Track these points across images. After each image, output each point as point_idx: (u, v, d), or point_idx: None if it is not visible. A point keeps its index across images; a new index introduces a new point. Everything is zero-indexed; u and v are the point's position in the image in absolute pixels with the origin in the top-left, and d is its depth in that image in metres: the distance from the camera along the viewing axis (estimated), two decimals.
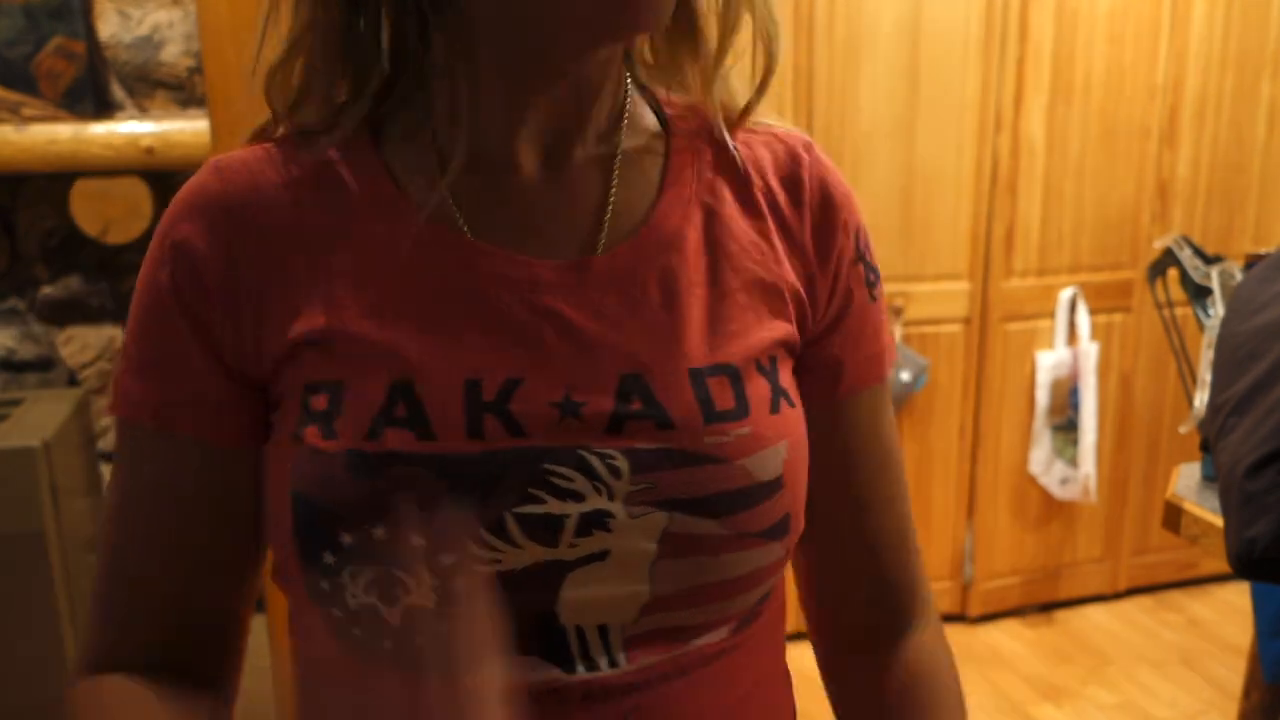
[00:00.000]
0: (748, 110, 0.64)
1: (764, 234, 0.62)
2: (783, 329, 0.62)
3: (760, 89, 0.63)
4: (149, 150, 2.40)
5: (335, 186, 0.59)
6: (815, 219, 0.64)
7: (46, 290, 2.56)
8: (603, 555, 0.54)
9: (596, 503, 0.54)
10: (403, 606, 0.53)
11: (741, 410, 0.57)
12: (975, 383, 2.86)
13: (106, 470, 2.70)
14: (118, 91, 2.50)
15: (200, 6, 1.94)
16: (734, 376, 0.58)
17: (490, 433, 0.54)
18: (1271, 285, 1.23)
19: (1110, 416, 2.97)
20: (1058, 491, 2.91)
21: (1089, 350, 2.85)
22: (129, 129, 2.40)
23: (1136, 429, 3.02)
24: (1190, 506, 1.52)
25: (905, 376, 2.75)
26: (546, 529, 0.54)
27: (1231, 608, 3.04)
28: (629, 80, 0.63)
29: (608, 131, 0.62)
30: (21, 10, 2.36)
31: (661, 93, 0.65)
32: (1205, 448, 1.54)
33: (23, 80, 2.35)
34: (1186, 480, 1.61)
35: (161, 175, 2.50)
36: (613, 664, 0.56)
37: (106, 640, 0.63)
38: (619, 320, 0.58)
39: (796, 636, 0.71)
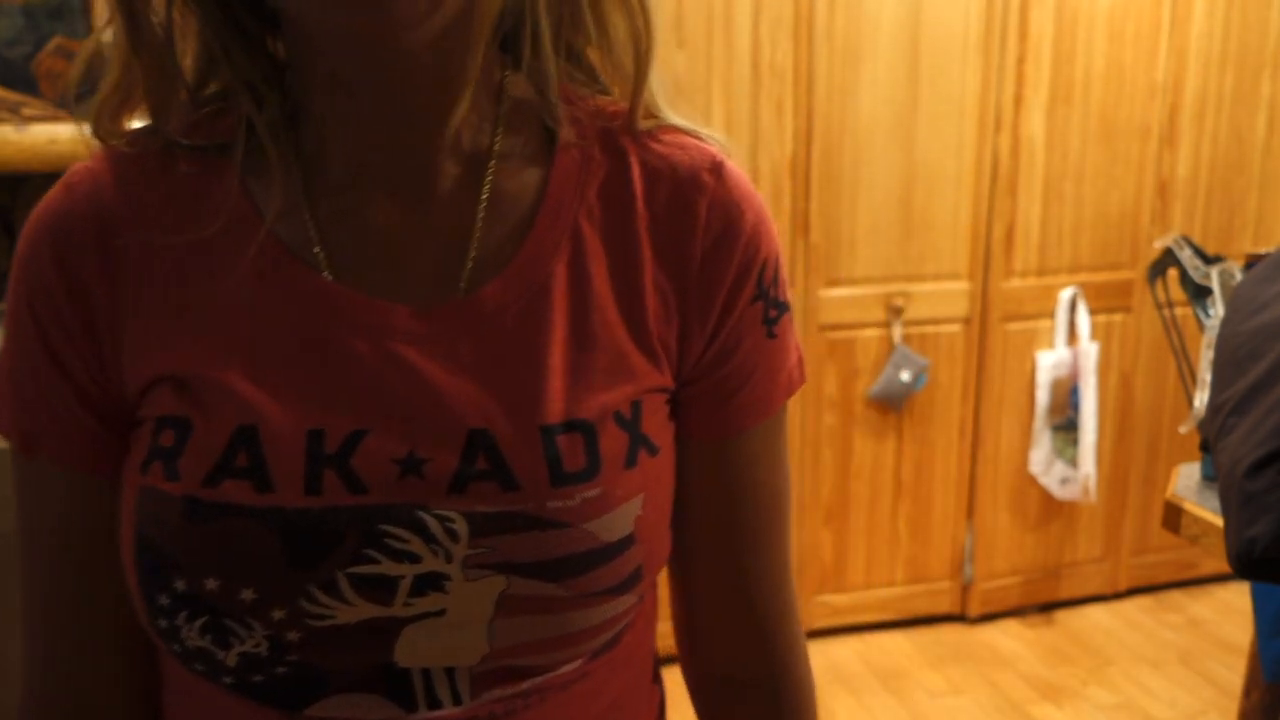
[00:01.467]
0: (632, 118, 0.59)
1: (637, 271, 0.58)
2: (648, 376, 0.58)
3: (633, 95, 0.59)
4: None
5: (193, 209, 0.56)
6: (705, 255, 0.59)
7: None
8: (440, 613, 0.53)
9: (432, 564, 0.52)
10: (237, 651, 0.53)
11: (592, 470, 0.54)
12: (975, 383, 2.86)
13: None
14: None
15: None
16: (588, 433, 0.55)
17: (328, 488, 0.52)
18: (1271, 285, 1.23)
19: (1110, 416, 2.97)
20: (1058, 491, 2.91)
21: (1089, 350, 2.85)
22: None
23: (1136, 429, 3.02)
24: (1190, 506, 1.52)
25: (905, 376, 2.75)
26: (380, 589, 0.52)
27: (1231, 608, 3.04)
28: (540, 91, 0.59)
29: (477, 152, 0.58)
30: (21, 10, 2.36)
31: (585, 100, 0.61)
32: (1205, 448, 1.54)
33: (23, 80, 2.35)
34: (1186, 480, 1.61)
35: None
36: (457, 701, 0.55)
37: (44, 675, 0.62)
38: (474, 371, 0.55)
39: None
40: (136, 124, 0.59)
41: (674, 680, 0.70)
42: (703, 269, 0.59)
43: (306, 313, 0.55)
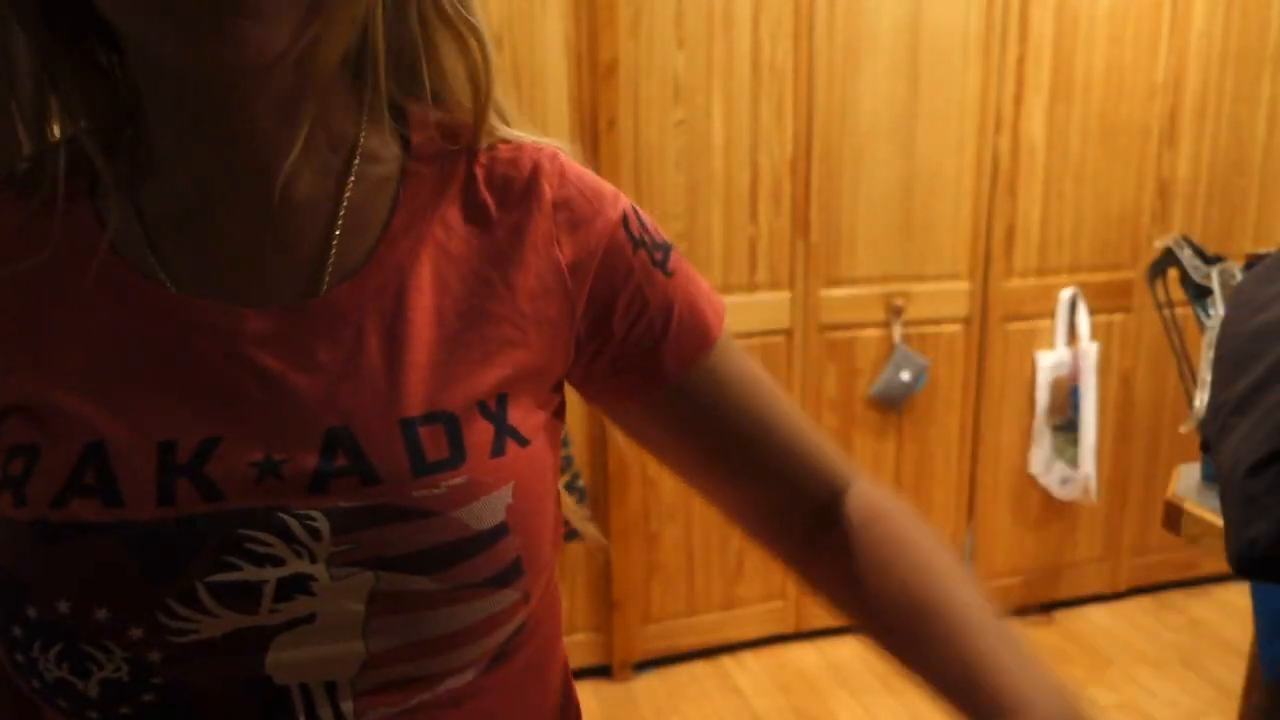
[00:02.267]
0: (477, 133, 0.61)
1: (501, 269, 0.59)
2: (518, 369, 0.59)
3: (475, 124, 0.61)
4: None
5: (41, 238, 0.56)
6: (563, 229, 0.61)
7: None
8: (309, 618, 0.51)
9: (297, 566, 0.51)
10: (97, 679, 0.51)
11: (456, 458, 0.54)
12: (975, 383, 2.86)
13: None
14: None
15: None
16: (450, 423, 0.55)
17: (183, 498, 0.51)
18: (1272, 285, 1.23)
19: (1110, 416, 2.97)
20: (1058, 491, 2.91)
21: (1089, 350, 2.85)
22: None
23: (1137, 429, 3.02)
24: (1190, 506, 1.52)
25: (905, 376, 2.75)
26: (243, 596, 0.51)
27: (1232, 608, 3.04)
28: (383, 103, 0.60)
29: (334, 164, 0.58)
30: None
31: (429, 113, 0.62)
32: (1205, 448, 1.54)
33: None
34: (1187, 480, 1.61)
35: None
36: (340, 719, 0.53)
37: None
38: (330, 370, 0.54)
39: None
40: None
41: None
42: (570, 244, 0.61)
43: (152, 326, 0.55)
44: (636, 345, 0.63)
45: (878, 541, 0.65)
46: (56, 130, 0.59)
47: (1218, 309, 1.74)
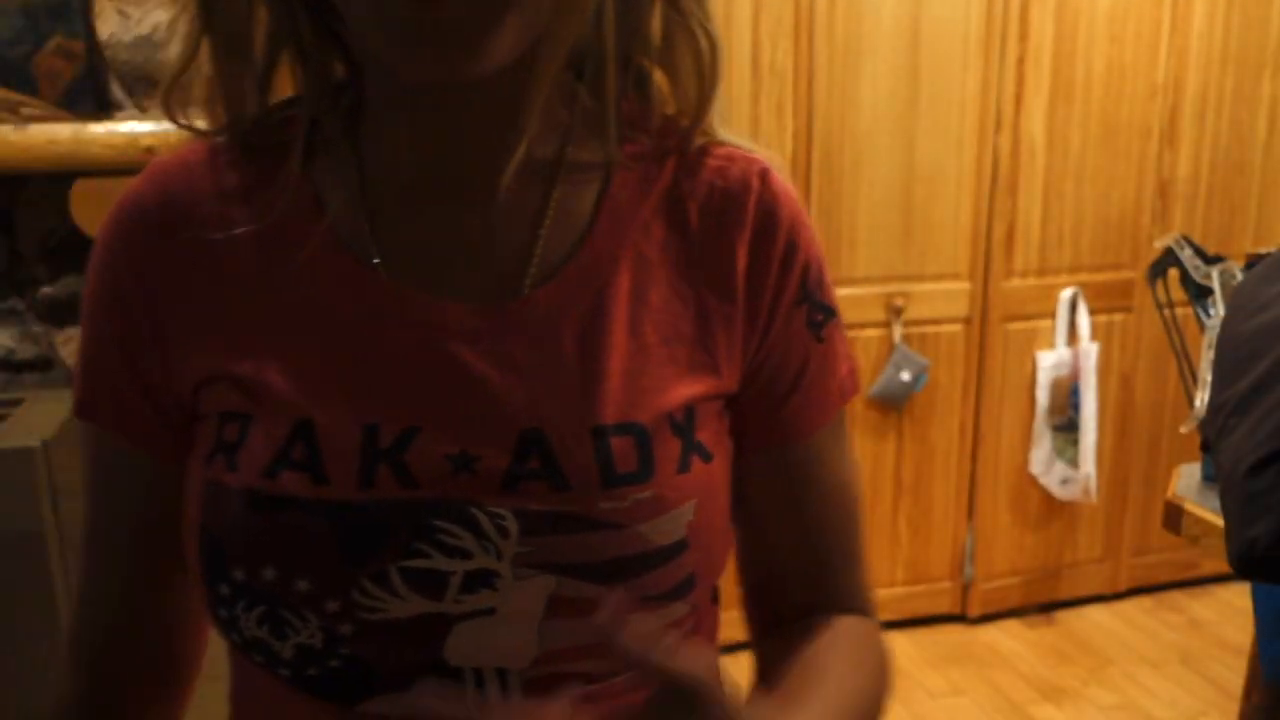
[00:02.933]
0: (691, 134, 0.61)
1: (693, 281, 0.59)
2: (705, 384, 0.59)
3: (694, 118, 0.60)
4: (149, 150, 2.40)
5: (262, 205, 0.58)
6: (751, 255, 0.60)
7: (46, 290, 2.56)
8: (489, 611, 0.53)
9: (483, 561, 0.52)
10: (293, 643, 0.54)
11: (645, 473, 0.55)
12: (975, 383, 2.86)
13: None
14: (117, 91, 2.49)
15: None
16: (641, 436, 0.55)
17: (381, 482, 0.53)
18: (1272, 285, 1.23)
19: (1111, 416, 2.97)
20: (1058, 491, 2.91)
21: (1089, 350, 2.85)
22: (129, 129, 2.39)
23: (1137, 429, 3.02)
24: (1191, 506, 1.52)
25: (905, 376, 2.75)
26: (431, 583, 0.53)
27: (1232, 608, 3.04)
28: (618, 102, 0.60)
29: (543, 163, 0.59)
30: (21, 10, 2.36)
31: (641, 112, 0.62)
32: (1206, 448, 1.54)
33: (22, 80, 2.35)
34: (1187, 480, 1.61)
35: None
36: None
37: (86, 625, 0.66)
38: (527, 371, 0.55)
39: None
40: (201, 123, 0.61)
41: None
42: (750, 269, 0.60)
43: (363, 310, 0.56)
44: (762, 397, 0.62)
45: (814, 637, 0.64)
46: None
47: (1218, 309, 1.74)
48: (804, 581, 0.67)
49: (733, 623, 0.69)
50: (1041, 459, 2.89)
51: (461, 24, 0.48)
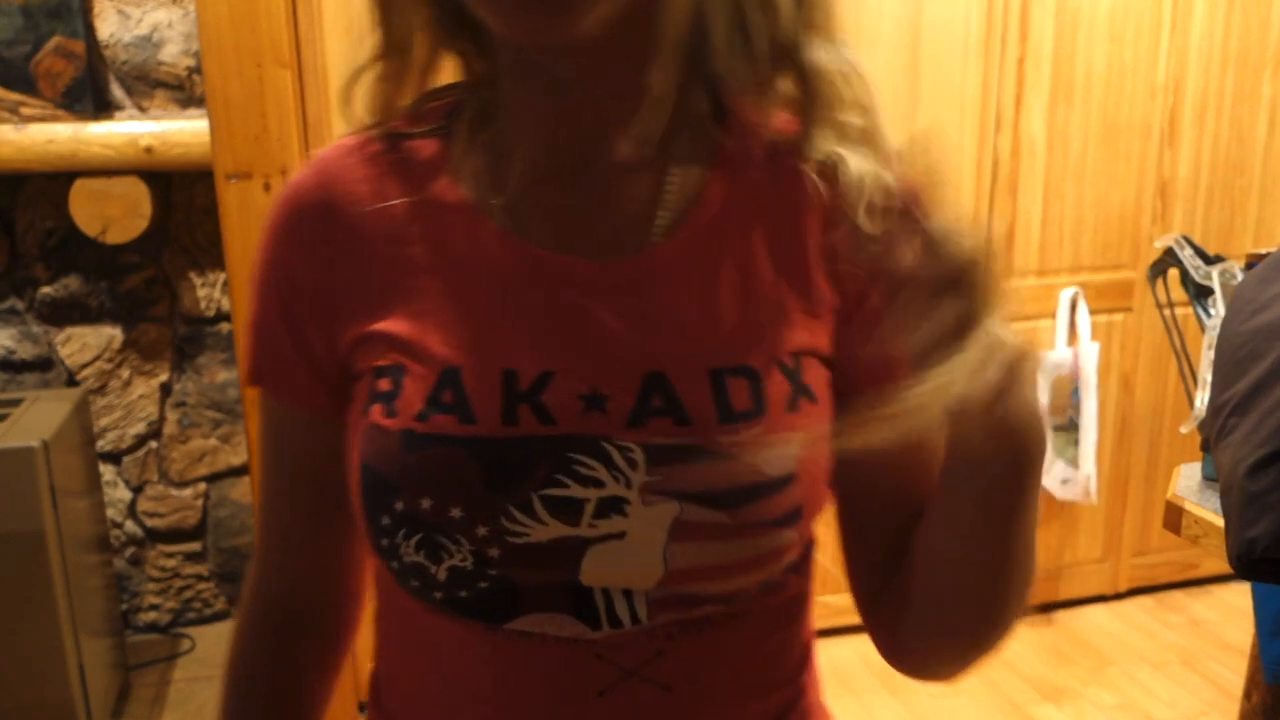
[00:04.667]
0: (806, 143, 0.63)
1: (798, 243, 0.64)
2: (812, 335, 0.64)
3: (805, 125, 0.63)
4: (148, 150, 2.40)
5: (408, 180, 0.65)
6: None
7: (46, 290, 2.56)
8: (620, 535, 0.59)
9: (614, 490, 0.58)
10: (446, 565, 0.60)
11: (758, 410, 0.60)
12: None
13: (105, 470, 2.70)
14: (117, 91, 2.49)
15: (200, 6, 1.94)
16: (753, 377, 0.61)
17: (523, 420, 0.59)
18: (1272, 285, 1.23)
19: (1111, 417, 2.97)
20: (1058, 492, 2.91)
21: (1089, 350, 2.84)
22: (128, 128, 2.39)
23: (1137, 429, 3.01)
24: (1191, 507, 1.51)
25: None
26: (568, 510, 0.59)
27: (1232, 608, 3.04)
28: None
29: (659, 131, 0.62)
30: (20, 10, 2.36)
31: (759, 114, 0.65)
32: (1206, 448, 1.54)
33: (21, 80, 2.35)
34: (1187, 480, 1.61)
35: (161, 175, 2.50)
36: (635, 621, 0.61)
37: (262, 559, 0.75)
38: (649, 319, 0.62)
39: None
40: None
41: None
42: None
43: (500, 269, 0.63)
44: (870, 351, 0.65)
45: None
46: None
47: (1218, 309, 1.74)
48: (904, 526, 0.69)
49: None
50: None
51: None
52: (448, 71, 0.68)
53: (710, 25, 0.60)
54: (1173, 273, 1.89)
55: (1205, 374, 1.68)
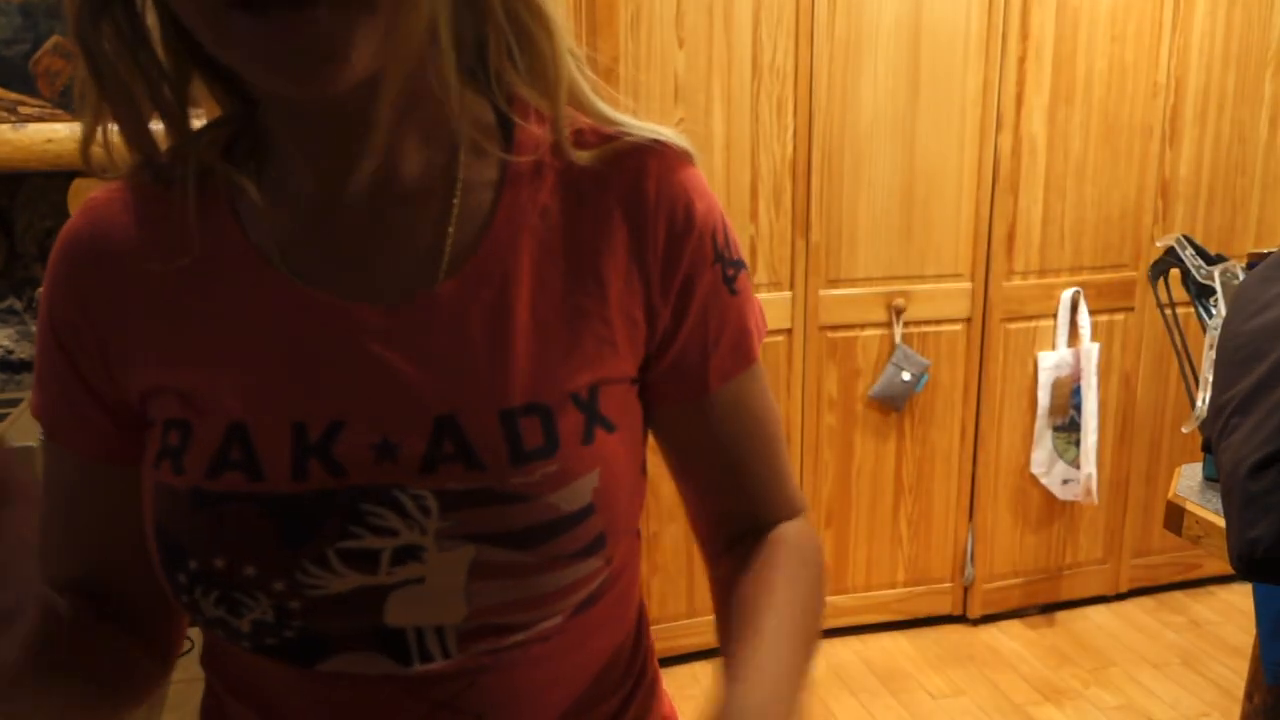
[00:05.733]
0: (558, 119, 0.63)
1: (594, 260, 0.63)
2: (611, 361, 0.63)
3: (552, 95, 0.62)
4: None
5: (183, 227, 0.62)
6: (663, 232, 0.64)
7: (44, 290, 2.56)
8: (419, 580, 0.58)
9: (409, 537, 0.58)
10: (249, 619, 0.59)
11: (550, 448, 0.60)
12: (976, 383, 2.85)
13: None
14: None
15: None
16: (545, 414, 0.60)
17: (313, 474, 0.58)
18: (1273, 285, 1.22)
19: (1112, 417, 2.96)
20: (1059, 492, 2.90)
21: (1090, 350, 2.84)
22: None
23: (1138, 429, 3.01)
24: (1192, 507, 1.51)
25: (906, 377, 2.74)
26: (365, 560, 0.58)
27: (1233, 609, 3.03)
28: (489, 100, 0.64)
29: (440, 162, 0.62)
30: (19, 9, 2.36)
31: (532, 104, 0.64)
32: (1207, 448, 1.53)
33: (20, 79, 2.34)
34: (1188, 481, 1.60)
35: None
36: (446, 655, 0.61)
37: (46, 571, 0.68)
38: (438, 361, 0.60)
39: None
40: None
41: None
42: (664, 249, 0.64)
43: (285, 317, 0.61)
44: (691, 353, 0.66)
45: (755, 558, 0.70)
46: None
47: (1220, 308, 1.74)
48: (742, 508, 0.72)
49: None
50: (1042, 459, 2.88)
51: (318, 41, 0.51)
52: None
53: (485, 39, 0.59)
54: (1174, 272, 1.88)
55: (1206, 374, 1.67)
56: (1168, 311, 1.95)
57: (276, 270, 0.61)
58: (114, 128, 0.61)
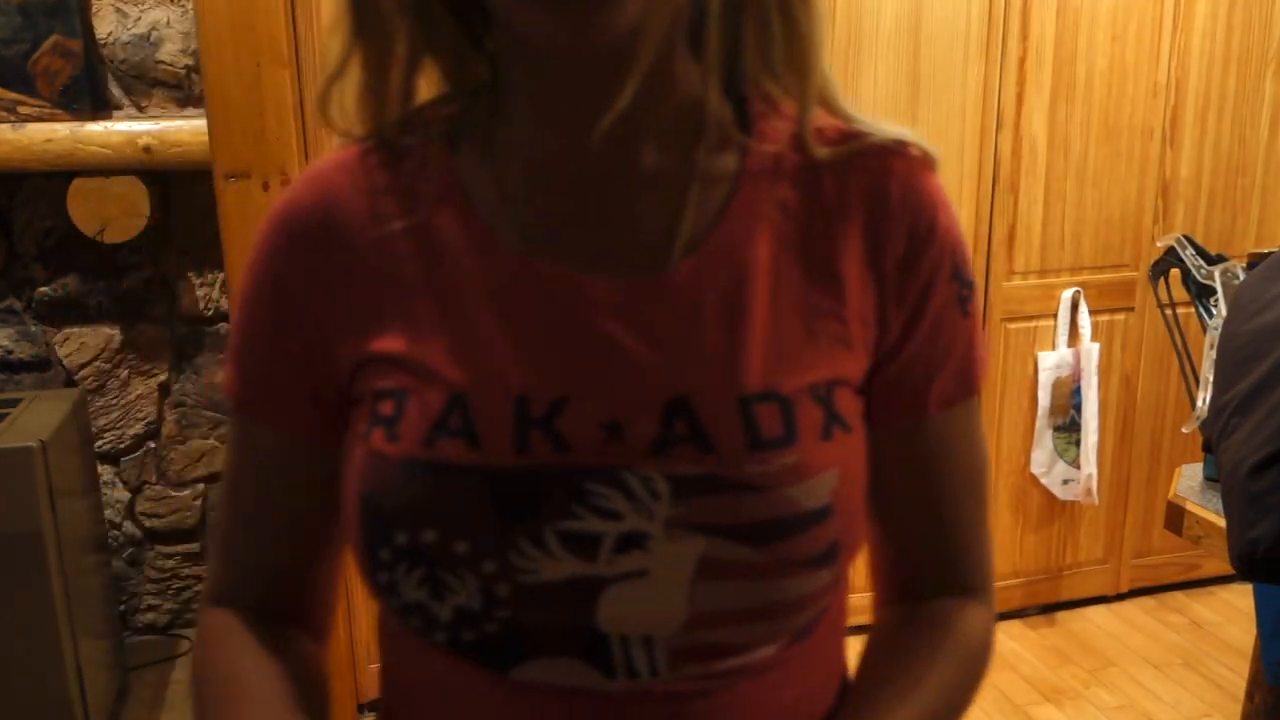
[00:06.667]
0: (806, 110, 0.61)
1: (832, 258, 0.60)
2: (845, 361, 0.60)
3: (803, 89, 0.60)
4: (147, 149, 2.40)
5: (411, 198, 0.61)
6: (904, 237, 0.61)
7: (44, 290, 2.56)
8: (641, 573, 0.55)
9: (635, 523, 0.54)
10: (451, 604, 0.56)
11: (789, 438, 0.56)
12: None
13: (104, 470, 2.70)
14: (115, 90, 2.49)
15: (198, 5, 1.93)
16: (784, 404, 0.57)
17: (535, 447, 0.55)
18: (1274, 285, 1.22)
19: (1112, 417, 2.96)
20: (1060, 492, 2.90)
21: (1091, 350, 2.84)
22: (126, 128, 2.39)
23: (1139, 429, 3.01)
24: (1193, 507, 1.51)
25: None
26: (584, 545, 0.55)
27: (1234, 609, 3.03)
28: (734, 85, 0.62)
29: (682, 144, 0.60)
30: (18, 8, 2.36)
31: (777, 92, 0.63)
32: (1207, 448, 1.53)
33: (19, 79, 2.34)
34: (1189, 481, 1.60)
35: (159, 174, 2.49)
36: (654, 673, 0.56)
37: (224, 581, 0.69)
38: (673, 342, 0.57)
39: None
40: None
41: None
42: (904, 254, 0.61)
43: (512, 289, 0.59)
44: (915, 371, 0.63)
45: (922, 636, 0.66)
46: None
47: (1220, 309, 1.73)
48: (928, 556, 0.68)
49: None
50: (1043, 459, 2.88)
51: None
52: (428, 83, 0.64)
53: (744, 23, 0.58)
54: (1174, 272, 1.88)
55: (1207, 374, 1.67)
56: (1168, 311, 1.95)
57: (505, 241, 0.59)
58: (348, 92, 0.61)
